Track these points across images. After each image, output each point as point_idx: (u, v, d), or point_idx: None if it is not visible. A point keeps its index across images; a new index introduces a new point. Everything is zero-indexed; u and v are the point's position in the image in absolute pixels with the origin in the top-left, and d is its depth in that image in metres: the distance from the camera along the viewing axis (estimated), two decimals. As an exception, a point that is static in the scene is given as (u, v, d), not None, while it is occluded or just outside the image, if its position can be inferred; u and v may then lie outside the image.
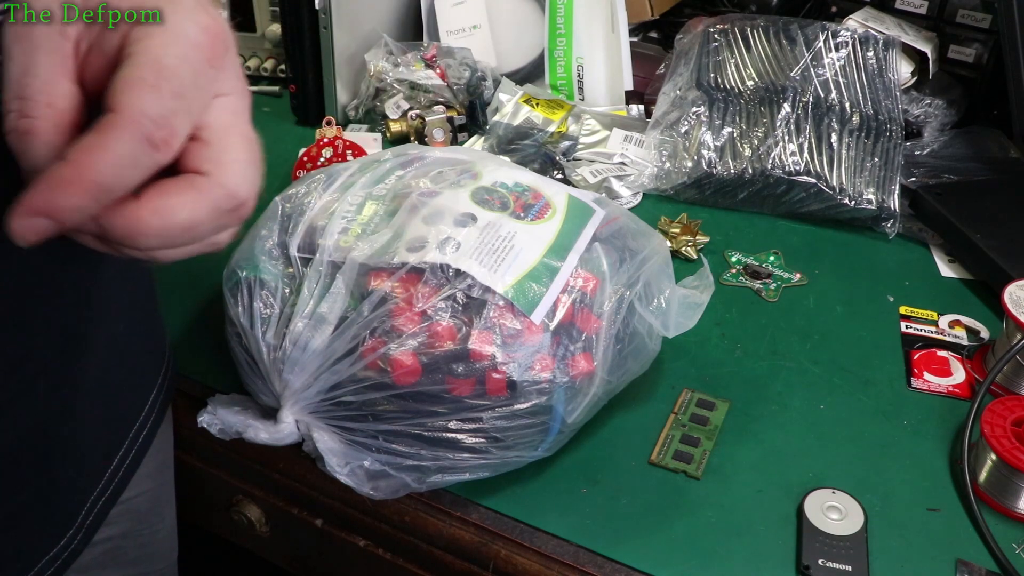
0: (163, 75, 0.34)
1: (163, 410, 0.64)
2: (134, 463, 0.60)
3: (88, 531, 0.57)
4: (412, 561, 0.65)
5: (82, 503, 0.56)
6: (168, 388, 0.65)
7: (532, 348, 0.58)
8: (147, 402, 0.62)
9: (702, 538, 0.61)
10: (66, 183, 0.32)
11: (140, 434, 0.61)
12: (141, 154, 0.34)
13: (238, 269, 0.64)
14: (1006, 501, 0.63)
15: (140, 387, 0.61)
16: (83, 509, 0.56)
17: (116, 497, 0.59)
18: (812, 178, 0.90)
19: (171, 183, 0.36)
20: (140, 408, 0.61)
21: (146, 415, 0.61)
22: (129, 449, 0.60)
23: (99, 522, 0.58)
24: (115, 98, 0.33)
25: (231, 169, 0.37)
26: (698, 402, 0.70)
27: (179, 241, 0.37)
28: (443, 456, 0.59)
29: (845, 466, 0.66)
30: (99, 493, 0.57)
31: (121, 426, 0.59)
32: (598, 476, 0.65)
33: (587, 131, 1.02)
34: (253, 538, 0.74)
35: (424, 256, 0.59)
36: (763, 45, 1.01)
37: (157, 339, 0.64)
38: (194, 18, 0.36)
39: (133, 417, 0.60)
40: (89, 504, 0.56)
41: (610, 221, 0.67)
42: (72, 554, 0.55)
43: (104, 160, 0.33)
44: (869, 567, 0.58)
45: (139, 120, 0.33)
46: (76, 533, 0.55)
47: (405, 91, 1.03)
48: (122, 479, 0.59)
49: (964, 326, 0.80)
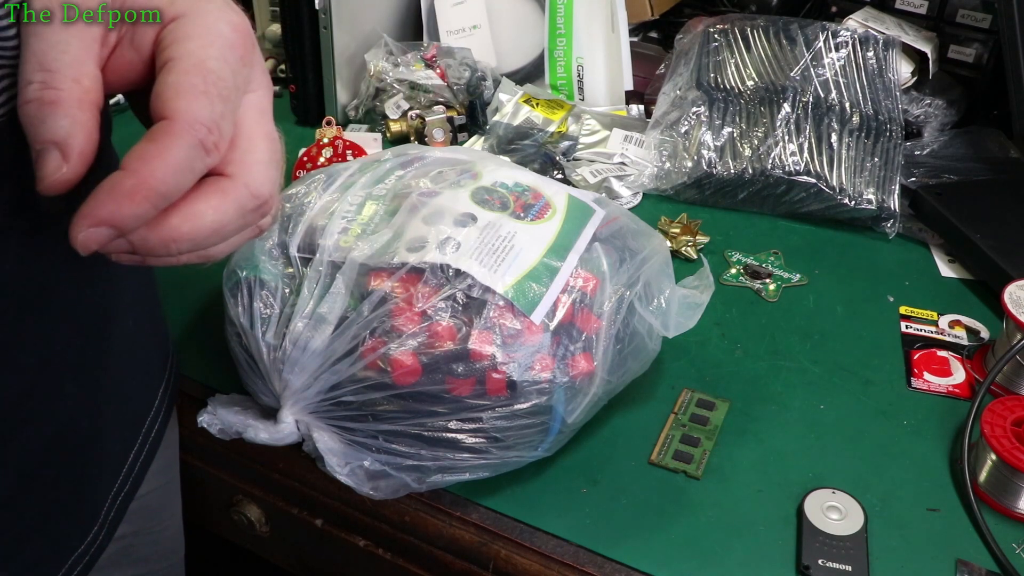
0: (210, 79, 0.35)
1: (170, 405, 0.65)
2: (148, 458, 0.61)
3: (111, 527, 0.57)
4: (412, 561, 0.65)
5: (104, 499, 0.56)
6: (174, 384, 0.66)
7: (532, 348, 0.58)
8: (156, 397, 0.62)
9: (702, 538, 0.61)
10: (130, 193, 0.33)
11: (152, 429, 0.61)
12: (196, 159, 0.34)
13: (238, 269, 0.64)
14: (1006, 501, 0.63)
15: (149, 382, 0.62)
16: (105, 505, 0.56)
17: (133, 492, 0.60)
18: (812, 178, 0.90)
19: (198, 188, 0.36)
20: (151, 403, 0.62)
21: (156, 410, 0.62)
22: (143, 444, 0.60)
23: (119, 518, 0.58)
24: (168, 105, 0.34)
25: (254, 170, 0.38)
26: (698, 402, 0.70)
27: (206, 244, 0.38)
28: (443, 456, 0.59)
29: (845, 466, 0.66)
30: (118, 488, 0.58)
31: (135, 421, 0.60)
32: (598, 476, 0.65)
33: (587, 131, 1.02)
34: (253, 538, 0.74)
35: (424, 256, 0.59)
36: (763, 45, 1.01)
37: (161, 334, 0.65)
38: (226, 17, 0.37)
39: (145, 412, 0.61)
40: (111, 500, 0.57)
41: (610, 221, 0.67)
42: (98, 550, 0.56)
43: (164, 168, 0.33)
44: (869, 567, 0.58)
45: (194, 126, 0.34)
46: (100, 529, 0.56)
47: (405, 91, 1.04)
48: (138, 474, 0.60)
49: (964, 326, 0.80)
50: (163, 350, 0.65)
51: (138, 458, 0.60)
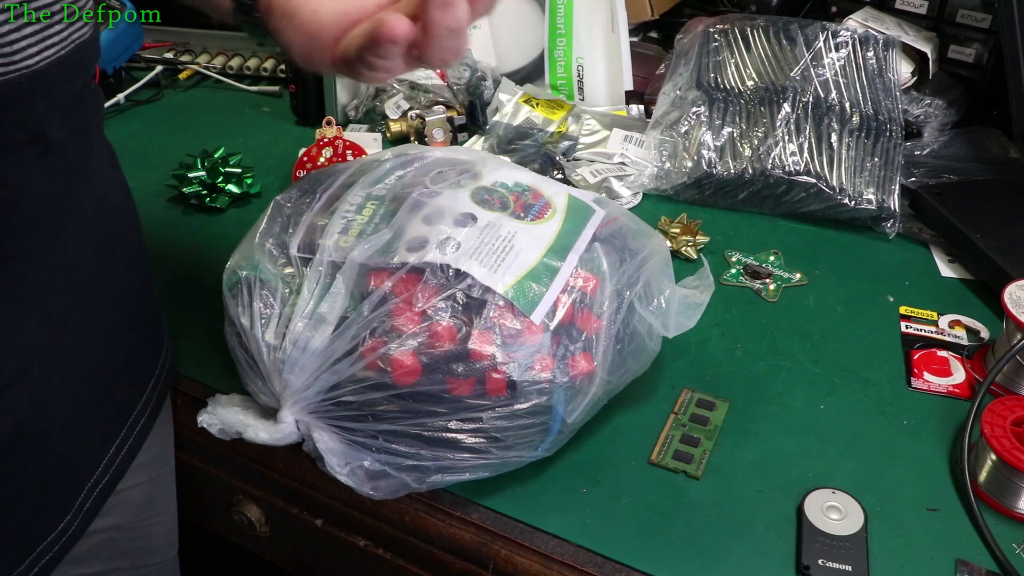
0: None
1: (161, 400, 0.66)
2: (132, 451, 0.61)
3: (85, 518, 0.57)
4: (412, 561, 0.66)
5: (79, 489, 0.57)
6: (166, 379, 0.66)
7: (532, 348, 0.58)
8: (145, 391, 0.63)
9: (702, 538, 0.61)
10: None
11: (139, 422, 0.62)
12: None
13: (238, 269, 0.64)
14: (1006, 501, 0.63)
15: (138, 376, 0.62)
16: (80, 495, 0.57)
17: (113, 484, 0.60)
18: (812, 178, 0.90)
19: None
20: (139, 396, 0.62)
21: (144, 403, 0.63)
22: (127, 436, 0.61)
23: (96, 509, 0.58)
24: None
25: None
26: (698, 402, 0.70)
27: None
28: (443, 456, 0.59)
29: (845, 466, 0.66)
30: (96, 479, 0.58)
31: (120, 413, 0.60)
32: (598, 476, 0.65)
33: (587, 131, 1.02)
34: (253, 538, 0.74)
35: (424, 256, 0.59)
36: (763, 45, 1.01)
37: (155, 330, 0.66)
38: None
39: (132, 404, 0.61)
40: (87, 490, 0.57)
41: (610, 221, 0.67)
42: (69, 540, 0.56)
43: None
44: (869, 567, 0.58)
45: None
46: (73, 519, 0.56)
47: (405, 91, 1.04)
48: (120, 466, 0.60)
49: (964, 326, 0.80)
50: (156, 344, 0.65)
51: (120, 450, 0.60)
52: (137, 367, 0.62)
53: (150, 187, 0.94)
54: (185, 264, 0.85)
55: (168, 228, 0.89)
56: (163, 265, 0.84)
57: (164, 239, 0.87)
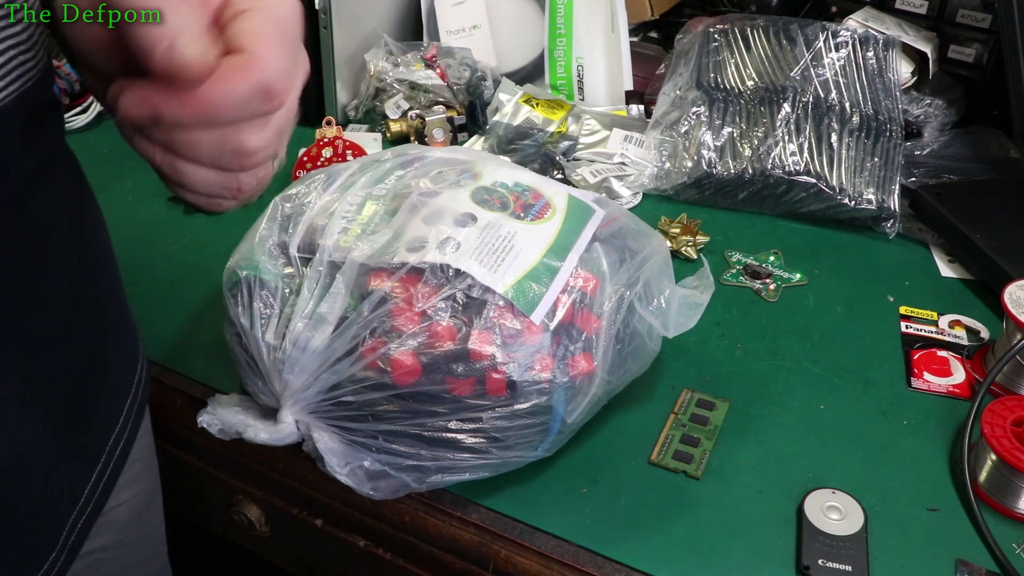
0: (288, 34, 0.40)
1: (139, 417, 0.62)
2: (114, 474, 0.59)
3: (71, 550, 0.55)
4: (412, 561, 0.66)
5: (63, 523, 0.54)
6: (142, 396, 0.63)
7: (532, 348, 0.58)
8: (122, 411, 0.60)
9: (702, 538, 0.61)
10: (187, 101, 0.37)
11: (118, 444, 0.59)
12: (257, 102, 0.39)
13: (238, 269, 0.64)
14: (1006, 501, 0.63)
15: (114, 397, 0.59)
16: (65, 529, 0.54)
17: (98, 511, 0.57)
18: (812, 178, 0.90)
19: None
20: (116, 417, 0.59)
21: (123, 424, 0.60)
22: (108, 460, 0.58)
23: (82, 539, 0.56)
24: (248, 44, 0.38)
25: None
26: (698, 402, 0.70)
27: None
28: (443, 456, 0.59)
29: (845, 466, 0.66)
30: (80, 509, 0.55)
31: (98, 438, 0.57)
32: (598, 476, 0.65)
33: (587, 131, 1.02)
34: (253, 538, 0.74)
35: (424, 256, 0.59)
36: (763, 45, 1.01)
37: (130, 346, 0.62)
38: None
39: (110, 427, 0.58)
40: (71, 522, 0.55)
41: (610, 221, 0.67)
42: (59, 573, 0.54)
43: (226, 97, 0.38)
44: (869, 567, 0.58)
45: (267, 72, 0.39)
46: (59, 555, 0.54)
47: (405, 91, 1.03)
48: (103, 491, 0.58)
49: (964, 326, 0.80)
50: (131, 361, 0.62)
51: (100, 479, 0.57)
52: (112, 389, 0.59)
53: (150, 187, 0.94)
54: (185, 264, 0.85)
55: (168, 228, 0.89)
56: (163, 265, 0.83)
57: (164, 239, 0.87)
